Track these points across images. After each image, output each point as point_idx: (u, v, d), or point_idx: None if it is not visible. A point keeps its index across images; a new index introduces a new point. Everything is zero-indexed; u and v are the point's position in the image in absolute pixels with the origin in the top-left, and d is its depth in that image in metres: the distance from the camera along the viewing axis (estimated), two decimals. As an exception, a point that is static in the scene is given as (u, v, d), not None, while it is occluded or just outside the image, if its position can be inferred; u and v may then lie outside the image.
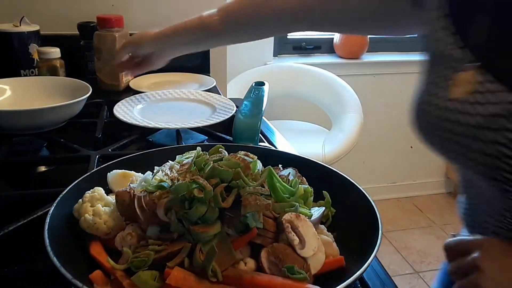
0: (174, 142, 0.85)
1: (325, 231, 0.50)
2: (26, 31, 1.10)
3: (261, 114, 0.82)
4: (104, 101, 1.02)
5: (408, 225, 2.41)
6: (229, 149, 0.55)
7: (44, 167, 0.81)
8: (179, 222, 0.45)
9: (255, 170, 0.50)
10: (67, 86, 0.97)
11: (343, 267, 0.46)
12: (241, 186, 0.46)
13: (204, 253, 0.42)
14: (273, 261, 0.43)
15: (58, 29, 1.30)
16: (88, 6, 1.32)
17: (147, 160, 0.60)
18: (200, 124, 0.86)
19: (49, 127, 0.86)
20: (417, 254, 2.19)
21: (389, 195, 2.65)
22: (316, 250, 0.45)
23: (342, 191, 0.55)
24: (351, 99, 2.03)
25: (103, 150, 0.77)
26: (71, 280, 0.38)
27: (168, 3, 1.39)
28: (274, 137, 0.92)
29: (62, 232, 0.47)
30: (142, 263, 0.42)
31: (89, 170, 0.65)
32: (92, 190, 0.52)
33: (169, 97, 1.03)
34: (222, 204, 0.44)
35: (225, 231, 0.45)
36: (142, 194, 0.48)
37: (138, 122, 0.85)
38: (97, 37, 1.15)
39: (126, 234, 0.47)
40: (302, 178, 0.57)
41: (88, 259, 0.46)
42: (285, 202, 0.48)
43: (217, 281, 0.41)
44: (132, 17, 1.31)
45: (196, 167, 0.49)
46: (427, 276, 2.04)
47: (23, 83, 0.99)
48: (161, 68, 0.95)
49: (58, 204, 0.49)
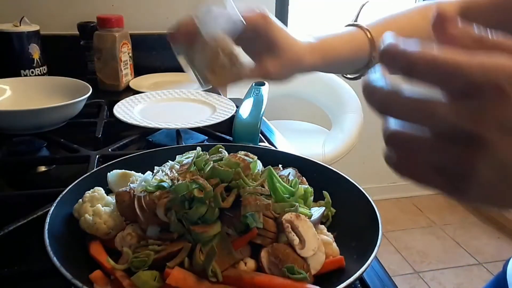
0: (174, 142, 0.85)
1: (325, 231, 0.50)
2: (26, 31, 1.10)
3: (261, 114, 0.82)
4: (104, 101, 1.02)
5: (408, 225, 2.40)
6: (229, 149, 0.55)
7: (44, 167, 0.81)
8: (179, 222, 0.45)
9: (255, 170, 0.50)
10: (67, 86, 0.97)
11: (343, 267, 0.46)
12: (241, 186, 0.46)
13: (204, 253, 0.42)
14: (273, 261, 0.43)
15: (58, 29, 1.30)
16: (88, 6, 1.32)
17: (147, 160, 0.60)
18: (200, 124, 0.86)
19: (49, 127, 0.86)
20: (417, 254, 2.19)
21: (389, 195, 2.65)
22: (316, 250, 0.45)
23: (342, 191, 0.55)
24: (351, 99, 2.03)
25: (103, 150, 0.77)
26: (71, 280, 0.38)
27: (168, 3, 1.39)
28: (274, 137, 0.92)
29: (62, 232, 0.47)
30: (142, 263, 0.42)
31: (89, 170, 0.65)
32: (92, 190, 0.52)
33: (169, 97, 1.03)
34: (222, 204, 0.44)
35: (225, 231, 0.45)
36: (142, 194, 0.48)
37: (138, 122, 0.85)
38: (97, 37, 1.15)
39: (126, 234, 0.47)
40: (302, 178, 0.57)
41: (88, 259, 0.46)
42: (285, 202, 0.48)
43: (217, 281, 0.42)
44: (132, 17, 1.31)
45: (196, 167, 0.49)
46: (427, 276, 2.04)
47: (23, 83, 0.99)
48: (161, 68, 0.95)
49: (58, 204, 0.49)
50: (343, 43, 0.59)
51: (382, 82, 0.26)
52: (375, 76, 0.27)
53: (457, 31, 0.25)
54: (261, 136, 0.89)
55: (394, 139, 0.27)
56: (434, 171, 0.26)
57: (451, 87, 0.24)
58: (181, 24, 0.51)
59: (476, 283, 1.99)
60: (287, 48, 0.54)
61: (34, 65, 1.12)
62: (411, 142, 0.26)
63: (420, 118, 0.25)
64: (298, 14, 2.13)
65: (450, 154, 0.25)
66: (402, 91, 0.25)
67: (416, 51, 0.24)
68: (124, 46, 1.18)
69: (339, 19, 2.18)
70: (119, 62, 1.16)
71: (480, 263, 2.11)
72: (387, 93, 0.25)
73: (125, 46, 1.18)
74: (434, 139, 0.25)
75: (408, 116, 0.25)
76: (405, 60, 0.24)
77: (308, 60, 0.56)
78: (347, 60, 0.60)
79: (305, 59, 0.55)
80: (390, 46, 0.25)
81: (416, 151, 0.26)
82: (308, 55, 0.56)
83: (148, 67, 1.32)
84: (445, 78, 0.24)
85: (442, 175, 0.26)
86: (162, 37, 1.36)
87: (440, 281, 2.01)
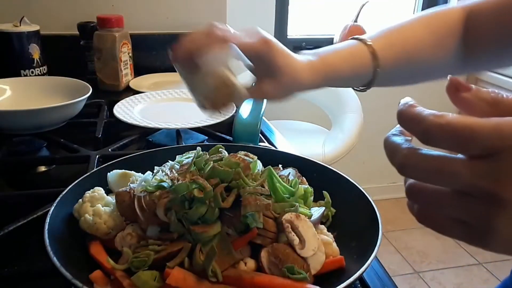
0: (174, 142, 0.85)
1: (325, 231, 0.50)
2: (26, 31, 1.10)
3: (261, 114, 0.82)
4: (104, 101, 1.02)
5: (408, 225, 2.40)
6: (229, 149, 0.55)
7: (44, 167, 0.81)
8: (179, 222, 0.45)
9: (255, 170, 0.50)
10: (67, 86, 0.97)
11: (343, 267, 0.46)
12: (241, 186, 0.46)
13: (204, 253, 0.42)
14: (273, 261, 0.43)
15: (58, 29, 1.30)
16: (88, 6, 1.32)
17: (147, 160, 0.60)
18: (200, 124, 0.86)
19: (49, 127, 0.86)
20: (417, 254, 2.19)
21: (389, 195, 2.64)
22: (316, 250, 0.45)
23: (342, 191, 0.55)
24: (351, 99, 2.03)
25: (103, 150, 0.77)
26: (71, 280, 0.38)
27: (168, 3, 1.38)
28: (274, 137, 0.92)
29: (62, 232, 0.47)
30: (142, 263, 0.42)
31: (89, 170, 0.65)
32: (92, 190, 0.52)
33: (169, 97, 1.03)
34: (222, 204, 0.44)
35: (225, 231, 0.45)
36: (142, 194, 0.48)
37: (138, 122, 0.85)
38: (97, 37, 1.15)
39: (126, 234, 0.47)
40: (302, 178, 0.57)
41: (88, 259, 0.46)
42: (285, 202, 0.48)
43: (217, 281, 0.42)
44: (132, 17, 1.31)
45: (196, 167, 0.49)
46: (427, 276, 2.04)
47: (23, 83, 0.99)
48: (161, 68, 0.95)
49: (58, 204, 0.49)
50: (344, 60, 0.59)
51: (401, 141, 0.27)
52: (394, 134, 0.28)
53: (471, 95, 0.26)
54: (261, 136, 0.89)
55: (414, 192, 0.27)
56: (454, 223, 0.26)
57: (468, 152, 0.24)
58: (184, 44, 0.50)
59: (476, 283, 1.99)
60: (287, 72, 0.54)
61: (34, 65, 1.12)
62: (430, 196, 0.27)
63: (439, 179, 0.25)
64: (298, 14, 2.13)
65: (470, 210, 0.25)
66: (420, 151, 0.26)
67: (430, 117, 0.25)
68: (124, 46, 1.18)
69: (339, 19, 2.18)
70: (119, 62, 1.16)
71: (480, 263, 2.11)
72: (406, 153, 0.26)
73: (125, 46, 1.18)
74: (453, 195, 0.26)
75: (427, 178, 0.26)
76: (420, 127, 0.25)
77: (308, 81, 0.56)
78: (348, 77, 0.60)
79: (304, 80, 0.55)
80: (405, 110, 0.26)
81: (435, 205, 0.27)
82: (308, 76, 0.56)
83: (148, 67, 1.32)
84: (461, 145, 0.24)
85: (463, 227, 0.26)
86: (162, 37, 1.36)
87: (440, 281, 2.01)
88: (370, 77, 0.60)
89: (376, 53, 0.58)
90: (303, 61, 0.56)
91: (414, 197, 0.28)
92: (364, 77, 0.60)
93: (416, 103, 0.26)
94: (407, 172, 0.26)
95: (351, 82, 0.63)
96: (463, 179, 0.24)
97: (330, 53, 0.59)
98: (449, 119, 0.24)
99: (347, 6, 2.22)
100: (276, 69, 0.53)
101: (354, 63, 0.59)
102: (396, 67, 0.61)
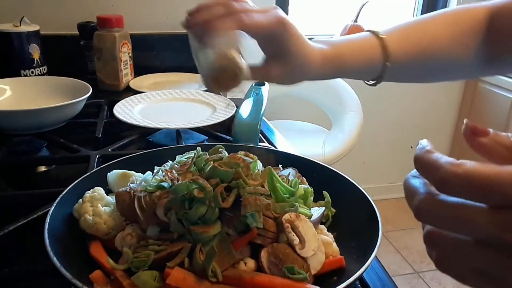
0: (174, 142, 0.85)
1: (325, 231, 0.50)
2: (26, 31, 1.10)
3: (261, 114, 0.82)
4: (104, 101, 1.02)
5: (408, 225, 2.40)
6: (229, 149, 0.55)
7: (44, 167, 0.81)
8: (179, 222, 0.45)
9: (255, 170, 0.50)
10: (67, 86, 0.97)
11: (343, 267, 0.46)
12: (241, 186, 0.46)
13: (204, 253, 0.42)
14: (273, 261, 0.43)
15: (58, 29, 1.30)
16: (88, 6, 1.32)
17: (147, 160, 0.60)
18: (200, 124, 0.86)
19: (49, 127, 0.86)
20: (417, 254, 2.19)
21: (389, 195, 2.65)
22: (316, 250, 0.45)
23: (342, 191, 0.55)
24: (351, 99, 2.03)
25: (103, 150, 0.77)
26: (71, 280, 0.38)
27: (168, 3, 1.38)
28: (274, 137, 0.92)
29: (62, 232, 0.47)
30: (142, 263, 0.42)
31: (89, 170, 0.65)
32: (92, 190, 0.52)
33: (169, 97, 1.03)
34: (222, 204, 0.44)
35: (225, 231, 0.44)
36: (142, 194, 0.48)
37: (138, 122, 0.85)
38: (97, 37, 1.15)
39: (126, 234, 0.47)
40: (302, 178, 0.57)
41: (88, 259, 0.46)
42: (285, 202, 0.48)
43: (217, 281, 0.41)
44: (132, 17, 1.31)
45: (196, 167, 0.49)
46: (427, 276, 2.04)
47: (23, 83, 0.99)
48: (161, 68, 0.95)
49: (58, 204, 0.49)
50: (354, 52, 0.57)
51: (419, 185, 0.26)
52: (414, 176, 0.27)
53: (488, 140, 0.26)
54: (261, 136, 0.89)
55: (431, 239, 0.27)
56: (475, 273, 0.25)
57: (488, 202, 0.23)
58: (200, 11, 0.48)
59: (476, 283, 1.99)
60: (298, 56, 0.52)
61: (34, 65, 1.13)
62: (449, 245, 0.26)
63: (457, 227, 0.24)
64: (298, 14, 2.13)
65: (491, 261, 0.24)
66: (439, 197, 0.24)
67: (447, 165, 0.23)
68: (124, 46, 1.18)
69: (339, 18, 2.18)
70: (119, 62, 1.16)
71: (480, 263, 2.11)
72: (423, 198, 0.25)
73: (125, 46, 1.18)
74: (473, 244, 0.24)
75: (444, 225, 0.25)
76: (437, 175, 0.24)
77: (317, 69, 0.55)
78: (357, 69, 0.59)
79: (313, 68, 0.54)
80: (422, 155, 0.25)
81: (454, 254, 0.26)
82: (318, 65, 0.54)
83: (148, 67, 1.32)
84: (480, 195, 0.23)
85: (484, 278, 0.25)
86: (162, 37, 1.36)
87: (440, 281, 2.01)
88: (380, 71, 0.59)
89: (387, 47, 0.57)
90: (315, 48, 0.54)
91: (432, 244, 0.27)
92: (374, 70, 0.59)
93: (433, 148, 0.25)
94: (424, 217, 0.26)
95: (361, 75, 0.61)
96: (483, 229, 0.23)
97: (342, 43, 0.58)
98: (466, 169, 0.23)
99: (347, 6, 2.22)
100: (287, 52, 0.52)
101: (364, 56, 0.58)
102: (409, 63, 0.59)
